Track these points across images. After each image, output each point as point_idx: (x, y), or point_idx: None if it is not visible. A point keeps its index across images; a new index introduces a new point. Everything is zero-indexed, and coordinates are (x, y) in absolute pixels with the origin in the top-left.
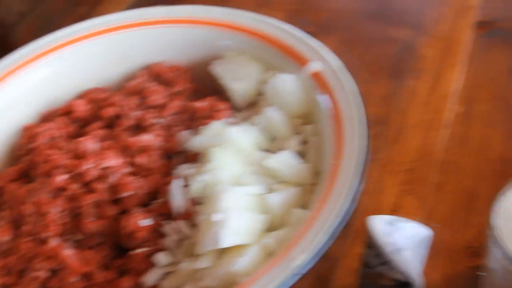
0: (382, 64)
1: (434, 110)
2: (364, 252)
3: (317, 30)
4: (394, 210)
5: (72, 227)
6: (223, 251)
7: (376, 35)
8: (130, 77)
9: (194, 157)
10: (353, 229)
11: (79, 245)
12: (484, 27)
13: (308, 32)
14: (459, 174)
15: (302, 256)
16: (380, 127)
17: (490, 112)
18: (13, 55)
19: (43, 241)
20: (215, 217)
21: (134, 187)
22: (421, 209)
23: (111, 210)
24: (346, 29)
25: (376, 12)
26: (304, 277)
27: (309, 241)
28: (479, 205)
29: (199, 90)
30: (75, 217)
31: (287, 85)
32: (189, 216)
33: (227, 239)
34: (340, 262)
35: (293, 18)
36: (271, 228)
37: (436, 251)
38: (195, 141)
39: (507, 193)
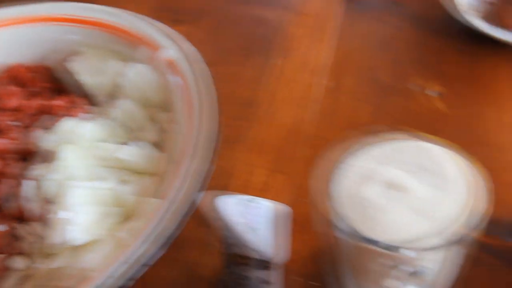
0: (251, 45)
1: (302, 87)
2: (221, 233)
3: (186, 18)
4: (263, 190)
5: None
6: (76, 249)
7: (245, 17)
8: None
9: (49, 157)
10: None
11: None
12: None
13: (178, 21)
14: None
15: (146, 246)
16: (250, 108)
17: (358, 85)
18: None
19: None
20: (62, 214)
21: None
22: (290, 185)
23: None
24: (216, 14)
25: None
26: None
27: (155, 229)
28: None
29: (59, 88)
30: None
31: (140, 74)
32: (44, 217)
33: (76, 236)
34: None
35: (162, 7)
36: (126, 220)
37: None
38: (46, 140)
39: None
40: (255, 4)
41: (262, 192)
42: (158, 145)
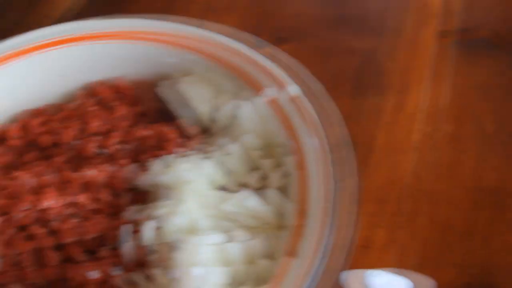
0: (343, 78)
1: (401, 131)
2: None
3: (270, 39)
4: (365, 246)
5: (12, 276)
6: None
7: (336, 45)
8: (69, 98)
9: (143, 197)
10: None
11: None
12: (451, 36)
13: (260, 42)
14: (432, 204)
15: None
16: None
17: (460, 133)
18: None
19: None
20: (174, 273)
21: (78, 232)
22: (393, 243)
23: (54, 258)
24: (303, 38)
25: (336, 19)
26: None
27: None
28: (455, 240)
29: (145, 113)
30: (14, 265)
31: (244, 113)
32: (143, 266)
33: None
34: None
35: (243, 24)
36: (234, 282)
37: None
38: (143, 179)
39: None
40: (346, 29)
41: (363, 248)
42: (260, 194)
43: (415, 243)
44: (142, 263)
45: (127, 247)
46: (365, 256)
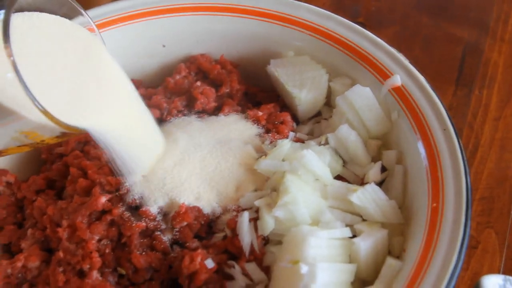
0: (447, 68)
1: (507, 127)
2: None
3: (367, 22)
4: (474, 247)
5: (115, 259)
6: None
7: (436, 33)
8: (168, 68)
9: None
10: None
11: (123, 280)
12: None
13: (357, 24)
14: None
15: None
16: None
17: None
18: None
19: (83, 274)
20: (303, 269)
21: (194, 216)
22: (501, 245)
23: (164, 242)
24: (401, 23)
25: (434, 5)
26: None
27: None
28: None
29: (251, 91)
30: (118, 247)
31: (364, 99)
32: (260, 257)
33: None
34: None
35: (340, 5)
36: (357, 279)
37: None
38: (263, 164)
39: None
40: (448, 17)
41: (470, 249)
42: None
43: None
44: (258, 253)
45: (246, 236)
46: (472, 257)
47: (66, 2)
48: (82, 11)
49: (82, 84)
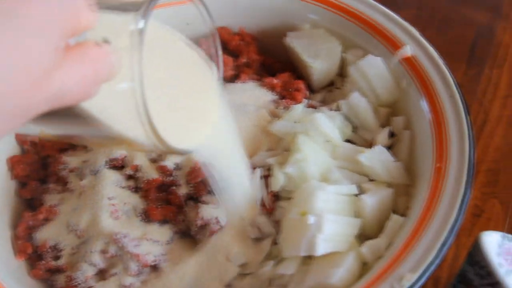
0: (459, 48)
1: None
2: (464, 268)
3: (384, 3)
4: (475, 214)
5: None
6: (310, 257)
7: (451, 15)
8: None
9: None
10: None
11: None
12: None
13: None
14: None
15: (410, 276)
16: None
17: None
18: None
19: None
20: (310, 219)
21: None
22: (504, 214)
23: (179, 197)
24: (417, 6)
25: None
26: None
27: (417, 258)
28: None
29: (268, 63)
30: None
31: (375, 69)
32: (270, 211)
33: (323, 246)
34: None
35: None
36: (362, 234)
37: None
38: (278, 126)
39: None
40: (463, 2)
41: (473, 216)
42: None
43: None
44: (270, 208)
45: (257, 191)
46: (475, 224)
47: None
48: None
49: (183, 98)
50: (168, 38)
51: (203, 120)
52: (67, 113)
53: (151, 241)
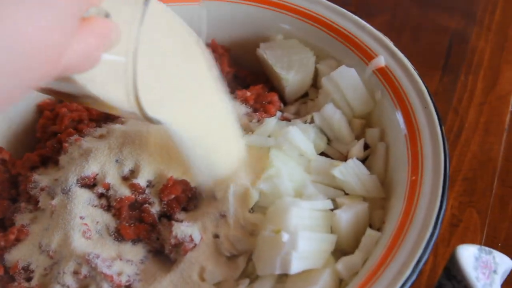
0: (434, 55)
1: (492, 112)
2: (441, 281)
3: (357, 10)
4: (453, 224)
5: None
6: (286, 275)
7: (425, 22)
8: None
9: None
10: None
11: None
12: None
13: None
14: None
15: None
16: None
17: None
18: None
19: None
20: (284, 237)
21: (181, 189)
22: (481, 223)
23: (152, 215)
24: (390, 12)
25: None
26: None
27: (392, 275)
28: None
29: (240, 75)
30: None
31: (349, 80)
32: (245, 227)
33: (297, 264)
34: None
35: None
36: (338, 249)
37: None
38: (250, 140)
39: None
40: (431, 6)
41: (451, 226)
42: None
43: (503, 225)
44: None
45: (230, 207)
46: (453, 234)
47: None
48: None
49: (172, 75)
50: (172, 21)
51: (191, 102)
52: None
53: (124, 261)
